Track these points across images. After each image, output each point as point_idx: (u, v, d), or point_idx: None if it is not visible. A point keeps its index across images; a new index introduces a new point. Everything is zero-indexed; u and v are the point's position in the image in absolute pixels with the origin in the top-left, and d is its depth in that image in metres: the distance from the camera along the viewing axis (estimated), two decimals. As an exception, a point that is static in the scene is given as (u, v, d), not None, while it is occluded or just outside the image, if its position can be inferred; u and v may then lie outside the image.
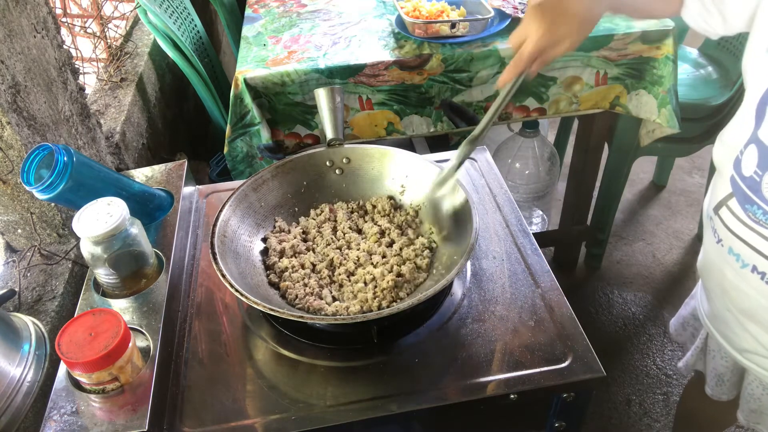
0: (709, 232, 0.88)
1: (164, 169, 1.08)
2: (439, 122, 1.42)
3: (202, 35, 1.78)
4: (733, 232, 0.80)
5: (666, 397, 1.67)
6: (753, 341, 0.87)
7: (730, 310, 0.89)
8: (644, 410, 1.64)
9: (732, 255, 0.82)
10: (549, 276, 0.89)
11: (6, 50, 0.86)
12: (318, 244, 0.93)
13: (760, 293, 0.79)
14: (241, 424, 0.72)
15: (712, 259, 0.89)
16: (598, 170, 1.77)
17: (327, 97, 0.97)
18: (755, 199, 0.74)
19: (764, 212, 0.74)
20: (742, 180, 0.77)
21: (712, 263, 0.89)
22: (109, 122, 1.32)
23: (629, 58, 1.37)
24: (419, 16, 1.39)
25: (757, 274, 0.78)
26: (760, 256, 0.77)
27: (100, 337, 0.69)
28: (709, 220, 0.88)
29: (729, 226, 0.81)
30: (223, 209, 0.88)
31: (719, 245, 0.85)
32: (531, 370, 0.76)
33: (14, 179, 0.92)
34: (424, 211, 0.96)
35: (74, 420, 0.69)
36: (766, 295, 0.79)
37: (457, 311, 0.85)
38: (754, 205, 0.75)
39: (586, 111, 1.48)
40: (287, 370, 0.79)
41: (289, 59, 1.34)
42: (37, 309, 0.91)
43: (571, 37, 0.78)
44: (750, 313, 0.85)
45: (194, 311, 0.88)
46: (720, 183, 0.83)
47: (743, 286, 0.82)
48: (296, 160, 0.99)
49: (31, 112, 0.91)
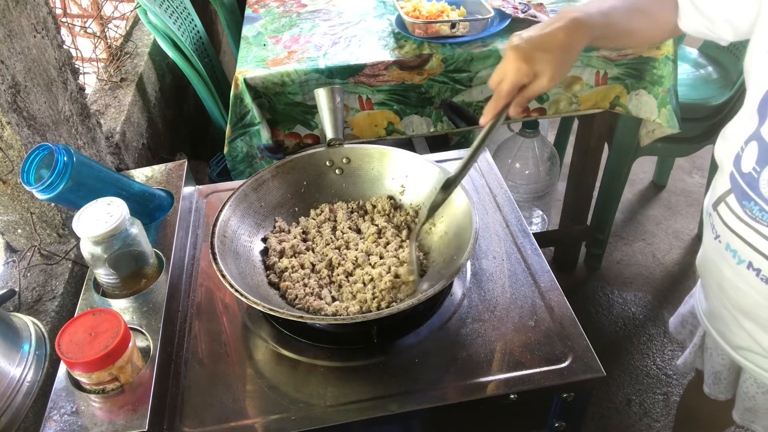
0: (708, 229, 0.88)
1: (164, 169, 1.08)
2: (439, 122, 1.42)
3: (202, 35, 1.78)
4: (731, 228, 0.80)
5: (666, 397, 1.67)
6: (748, 338, 0.88)
7: (727, 307, 0.89)
8: (644, 410, 1.64)
9: (729, 251, 0.82)
10: (549, 276, 0.89)
11: (6, 50, 0.86)
12: (318, 244, 0.93)
13: (756, 290, 0.80)
14: (241, 424, 0.72)
15: (710, 256, 0.89)
16: (598, 170, 1.77)
17: (327, 97, 0.97)
18: (752, 196, 0.75)
19: (761, 209, 0.74)
20: (740, 176, 0.77)
21: (710, 260, 0.90)
22: (109, 122, 1.32)
23: (629, 58, 1.37)
24: (419, 16, 1.39)
25: (753, 271, 0.79)
26: (756, 253, 0.77)
27: (100, 337, 0.69)
28: (708, 217, 0.88)
29: (727, 223, 0.81)
30: (223, 209, 0.88)
31: (717, 241, 0.85)
32: (531, 370, 0.76)
33: (14, 179, 0.92)
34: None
35: (74, 420, 0.69)
36: (761, 292, 0.79)
37: (457, 311, 0.85)
38: (751, 202, 0.75)
39: (586, 111, 1.48)
40: (287, 370, 0.79)
41: (289, 59, 1.34)
42: (37, 309, 0.91)
43: (551, 72, 0.77)
44: (746, 311, 0.85)
45: (194, 311, 0.88)
46: (720, 179, 0.83)
47: (740, 283, 0.83)
48: (296, 160, 0.99)
49: (31, 112, 0.92)
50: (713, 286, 0.92)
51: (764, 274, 0.77)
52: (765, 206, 0.73)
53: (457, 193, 0.88)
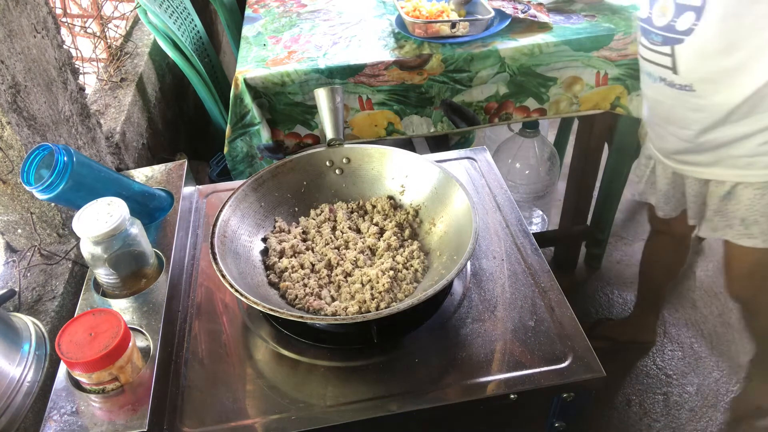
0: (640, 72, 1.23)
1: (164, 169, 1.08)
2: (439, 122, 1.42)
3: (202, 35, 1.78)
4: (644, 58, 1.16)
5: (666, 397, 1.67)
6: (675, 140, 1.18)
7: (658, 124, 1.22)
8: (644, 410, 1.64)
9: (648, 77, 1.16)
10: (549, 276, 0.89)
11: (6, 50, 0.86)
12: (317, 244, 0.93)
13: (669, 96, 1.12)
14: (241, 424, 0.72)
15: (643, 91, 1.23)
16: (598, 170, 1.77)
17: (327, 97, 0.97)
18: (650, 29, 1.10)
19: (655, 34, 1.09)
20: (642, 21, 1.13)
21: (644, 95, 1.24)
22: (109, 122, 1.32)
23: (630, 59, 1.37)
24: (419, 16, 1.39)
25: (662, 83, 1.12)
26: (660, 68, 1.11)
27: (100, 337, 0.69)
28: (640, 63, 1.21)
29: (642, 55, 1.17)
30: (223, 209, 0.88)
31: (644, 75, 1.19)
32: (531, 370, 0.76)
33: (14, 179, 0.92)
34: (424, 211, 0.96)
35: (74, 420, 0.69)
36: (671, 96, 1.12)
37: (457, 311, 0.85)
38: (651, 34, 1.10)
39: (586, 111, 1.48)
40: (287, 370, 0.79)
41: (289, 59, 1.34)
42: (37, 309, 0.91)
43: None
44: (667, 117, 1.17)
45: (194, 311, 0.88)
46: None
47: (659, 97, 1.16)
48: (296, 160, 0.99)
49: (31, 112, 0.91)
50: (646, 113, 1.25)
51: (669, 81, 1.10)
52: (656, 32, 1.08)
53: (457, 193, 0.88)
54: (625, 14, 1.40)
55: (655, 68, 1.12)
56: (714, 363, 1.74)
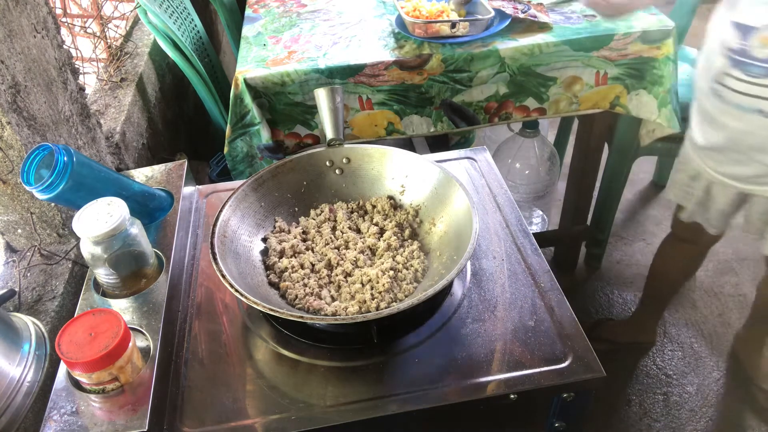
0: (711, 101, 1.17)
1: (164, 169, 1.08)
2: (439, 122, 1.42)
3: (202, 35, 1.78)
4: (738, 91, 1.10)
5: (666, 397, 1.66)
6: (759, 166, 1.15)
7: (739, 152, 1.16)
8: (644, 410, 1.64)
9: (737, 109, 1.12)
10: (549, 276, 0.89)
11: (6, 50, 0.86)
12: (317, 244, 0.93)
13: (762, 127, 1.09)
14: (241, 424, 0.72)
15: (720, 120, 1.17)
16: (598, 170, 1.77)
17: (327, 97, 0.97)
18: (749, 62, 1.06)
19: (758, 67, 1.05)
20: (732, 53, 1.08)
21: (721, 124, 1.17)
22: (109, 122, 1.32)
23: (629, 58, 1.37)
24: (419, 16, 1.39)
25: (758, 114, 1.09)
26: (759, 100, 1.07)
27: (100, 337, 0.69)
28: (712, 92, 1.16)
29: (733, 88, 1.11)
30: (223, 209, 0.88)
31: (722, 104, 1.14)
32: (531, 370, 0.76)
33: (14, 179, 0.92)
34: (424, 211, 0.96)
35: (74, 420, 0.69)
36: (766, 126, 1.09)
37: (457, 311, 0.85)
38: (750, 66, 1.06)
39: (586, 111, 1.48)
40: (287, 370, 0.79)
41: (289, 59, 1.34)
42: (37, 309, 0.91)
43: None
44: (758, 147, 1.13)
45: (194, 311, 0.88)
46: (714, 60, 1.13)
47: (749, 128, 1.12)
48: (296, 160, 0.99)
49: (31, 112, 0.92)
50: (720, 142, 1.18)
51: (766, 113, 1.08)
52: (759, 64, 1.04)
53: (457, 193, 0.88)
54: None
55: (752, 101, 1.08)
56: (714, 363, 1.74)
